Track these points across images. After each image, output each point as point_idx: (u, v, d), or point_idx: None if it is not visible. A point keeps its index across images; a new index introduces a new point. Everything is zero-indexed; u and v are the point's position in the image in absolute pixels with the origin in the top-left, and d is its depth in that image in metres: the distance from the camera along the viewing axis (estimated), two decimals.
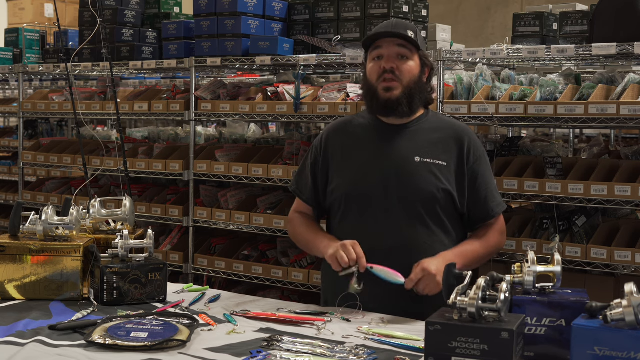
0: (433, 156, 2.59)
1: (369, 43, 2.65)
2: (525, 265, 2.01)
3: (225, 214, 4.61)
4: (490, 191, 2.64)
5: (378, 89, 2.60)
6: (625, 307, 1.71)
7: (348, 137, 2.70)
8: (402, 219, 2.55)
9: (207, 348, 2.07)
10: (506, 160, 3.94)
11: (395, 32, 2.58)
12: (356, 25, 4.33)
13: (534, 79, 3.99)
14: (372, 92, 2.62)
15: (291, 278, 4.34)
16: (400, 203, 2.56)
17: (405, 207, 2.56)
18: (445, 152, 2.61)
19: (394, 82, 2.57)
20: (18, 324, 2.24)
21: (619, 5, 3.58)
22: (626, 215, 4.06)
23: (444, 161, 2.59)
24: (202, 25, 4.65)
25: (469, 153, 2.62)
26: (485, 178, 2.64)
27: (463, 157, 2.61)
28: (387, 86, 2.58)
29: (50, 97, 5.78)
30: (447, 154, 2.60)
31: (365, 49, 2.69)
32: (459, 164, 2.61)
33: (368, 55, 2.66)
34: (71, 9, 7.31)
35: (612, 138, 6.63)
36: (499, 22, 10.68)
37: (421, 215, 2.56)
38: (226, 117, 4.80)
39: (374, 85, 2.61)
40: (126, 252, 2.54)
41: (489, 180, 2.65)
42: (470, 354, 1.76)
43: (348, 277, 2.43)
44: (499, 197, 2.69)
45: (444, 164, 2.59)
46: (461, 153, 2.61)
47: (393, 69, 2.57)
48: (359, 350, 2.03)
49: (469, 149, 2.62)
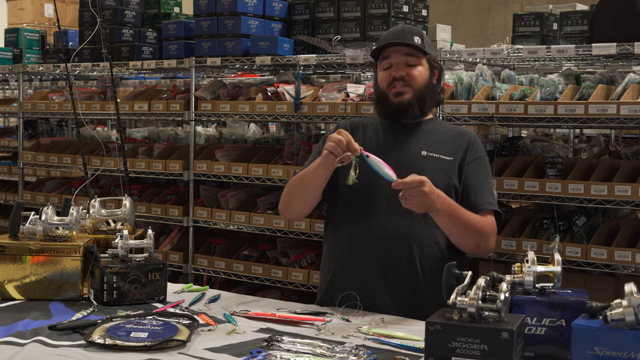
0: (440, 151, 2.64)
1: (377, 53, 2.71)
2: (525, 265, 2.01)
3: (225, 214, 4.61)
4: (481, 190, 2.63)
5: (389, 95, 2.67)
6: (625, 307, 1.71)
7: (359, 131, 2.75)
8: (404, 210, 2.55)
9: (207, 348, 2.07)
10: (506, 160, 3.94)
11: (402, 42, 2.64)
12: (356, 25, 4.33)
13: (534, 79, 3.99)
14: (384, 98, 2.69)
15: (291, 278, 4.34)
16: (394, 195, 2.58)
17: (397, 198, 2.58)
18: (452, 148, 2.66)
19: (404, 87, 2.65)
20: (18, 324, 2.24)
21: (619, 5, 3.58)
22: (626, 216, 4.06)
23: (450, 156, 2.64)
24: (202, 25, 4.65)
25: (471, 151, 2.67)
26: (478, 177, 2.65)
27: (465, 154, 2.66)
28: (398, 91, 2.65)
29: (50, 97, 5.78)
30: (453, 150, 2.66)
31: (374, 58, 2.76)
32: (461, 160, 2.65)
33: (378, 65, 2.73)
34: (71, 9, 7.31)
35: (612, 138, 6.63)
36: (499, 22, 10.68)
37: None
38: (226, 117, 4.80)
39: (385, 91, 2.69)
40: (126, 252, 2.54)
41: (481, 180, 2.65)
42: (470, 354, 1.76)
43: (346, 168, 2.42)
44: (491, 198, 2.66)
45: (450, 159, 2.64)
46: (464, 150, 2.67)
47: (403, 76, 2.64)
48: (359, 350, 2.03)
49: (472, 148, 2.68)
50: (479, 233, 2.57)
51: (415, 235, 2.58)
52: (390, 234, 2.57)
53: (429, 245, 2.58)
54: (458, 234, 2.56)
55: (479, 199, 2.62)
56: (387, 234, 2.57)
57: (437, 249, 2.59)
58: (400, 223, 2.57)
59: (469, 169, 2.65)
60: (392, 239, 2.57)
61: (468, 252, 2.68)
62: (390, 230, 2.57)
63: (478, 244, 2.60)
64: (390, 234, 2.57)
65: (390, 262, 2.57)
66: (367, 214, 2.61)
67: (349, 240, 2.64)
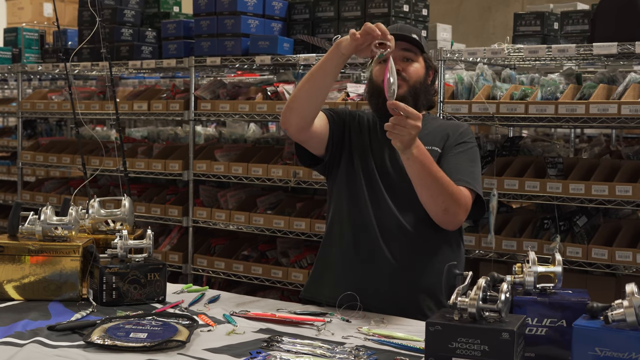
0: (430, 143, 2.61)
1: None
2: (526, 265, 2.01)
3: (224, 214, 4.61)
4: (460, 170, 2.57)
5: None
6: (627, 307, 1.70)
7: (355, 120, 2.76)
8: (395, 203, 2.59)
9: (207, 349, 2.07)
10: (507, 160, 3.94)
11: (400, 34, 2.61)
12: (356, 25, 4.32)
13: (535, 79, 3.99)
14: (378, 92, 2.64)
15: (291, 278, 4.33)
16: (396, 188, 2.60)
17: (400, 192, 2.60)
18: (441, 139, 2.66)
19: (400, 81, 2.60)
20: (17, 324, 2.24)
21: (620, 5, 3.57)
22: (627, 216, 4.06)
23: (439, 148, 2.64)
24: (201, 25, 4.65)
25: (455, 136, 2.66)
26: (459, 158, 2.60)
27: (450, 139, 2.65)
28: None
29: (49, 97, 5.77)
30: (442, 142, 2.66)
31: None
32: (446, 145, 2.65)
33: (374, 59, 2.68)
34: (70, 9, 7.30)
35: (613, 138, 6.62)
36: (499, 22, 10.67)
37: (414, 201, 2.56)
38: (226, 117, 4.80)
39: (379, 85, 2.63)
40: (125, 252, 2.53)
41: (462, 162, 2.59)
42: (470, 354, 1.75)
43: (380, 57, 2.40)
44: (470, 178, 2.56)
45: (439, 150, 2.64)
46: (450, 135, 2.66)
47: (399, 70, 2.60)
48: (359, 350, 2.02)
49: (458, 134, 2.66)
50: (449, 194, 2.46)
51: (408, 230, 2.59)
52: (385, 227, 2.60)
53: (422, 239, 2.59)
54: (427, 189, 2.46)
55: (455, 175, 2.53)
56: (382, 226, 2.60)
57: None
58: (393, 219, 2.60)
59: (452, 151, 2.62)
60: (384, 233, 2.59)
61: (434, 217, 2.53)
62: (385, 226, 2.60)
63: (447, 208, 2.48)
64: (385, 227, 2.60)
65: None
66: (361, 207, 2.63)
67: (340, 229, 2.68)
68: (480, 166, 2.71)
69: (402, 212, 2.59)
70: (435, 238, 2.61)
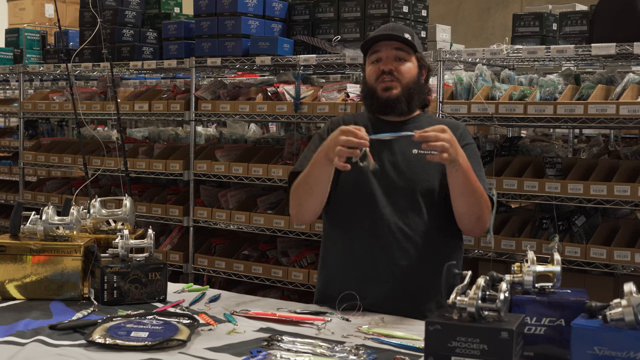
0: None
1: (367, 47, 2.68)
2: (525, 265, 2.01)
3: (225, 214, 4.62)
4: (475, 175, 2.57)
5: (377, 89, 2.62)
6: (625, 306, 1.71)
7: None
8: (401, 208, 2.57)
9: (207, 348, 2.07)
10: (506, 161, 3.95)
11: (392, 34, 2.61)
12: (356, 26, 4.33)
13: (534, 79, 4.00)
14: (372, 93, 2.64)
15: (291, 278, 4.34)
16: (399, 194, 2.58)
17: (403, 197, 2.58)
18: None
19: (393, 82, 2.60)
20: (18, 323, 2.24)
21: (618, 6, 3.58)
22: (625, 215, 4.07)
23: None
24: (202, 26, 4.66)
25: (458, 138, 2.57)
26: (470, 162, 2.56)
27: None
28: (386, 86, 2.61)
29: (51, 97, 5.78)
30: None
31: (363, 52, 2.72)
32: None
33: (367, 59, 2.69)
34: (71, 9, 7.31)
35: (612, 138, 6.63)
36: (498, 22, 10.69)
37: (419, 205, 2.57)
38: (226, 117, 4.81)
39: (373, 86, 2.64)
40: (126, 252, 2.54)
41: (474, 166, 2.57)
42: (470, 353, 1.76)
43: (363, 161, 2.34)
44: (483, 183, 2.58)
45: None
46: None
47: (392, 70, 2.60)
48: (358, 350, 2.03)
49: (460, 136, 2.61)
50: (483, 202, 2.51)
51: (414, 236, 2.57)
52: (392, 231, 2.57)
53: (429, 243, 2.57)
54: (468, 198, 2.48)
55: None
56: (388, 232, 2.57)
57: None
58: (399, 224, 2.57)
59: None
60: (390, 239, 2.57)
61: (467, 225, 2.56)
62: (392, 231, 2.57)
63: (479, 216, 2.52)
64: (392, 231, 2.57)
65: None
66: (363, 216, 2.60)
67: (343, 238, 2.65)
68: None
69: (401, 215, 2.58)
70: (435, 240, 2.60)
